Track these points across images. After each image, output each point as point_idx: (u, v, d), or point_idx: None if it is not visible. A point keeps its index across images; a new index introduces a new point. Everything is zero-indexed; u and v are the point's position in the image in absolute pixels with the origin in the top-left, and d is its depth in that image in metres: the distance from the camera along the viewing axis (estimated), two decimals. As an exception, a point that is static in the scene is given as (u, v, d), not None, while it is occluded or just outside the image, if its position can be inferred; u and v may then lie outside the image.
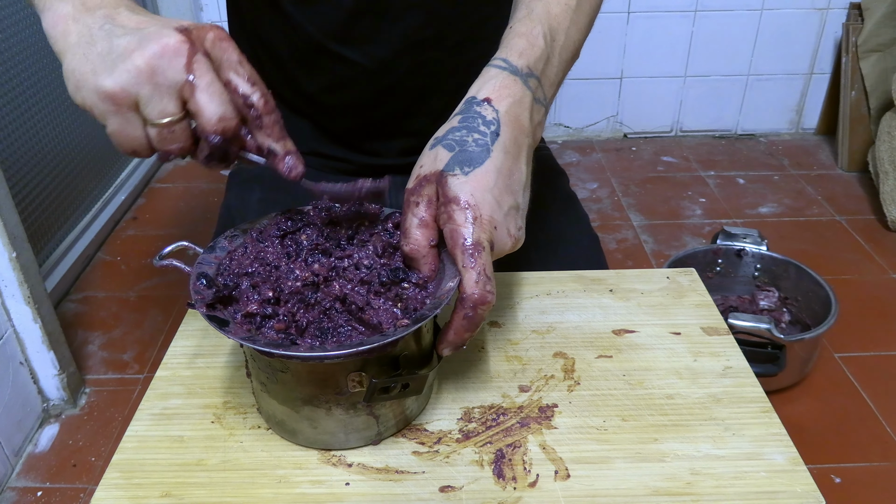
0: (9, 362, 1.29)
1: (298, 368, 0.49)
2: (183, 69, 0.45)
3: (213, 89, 0.46)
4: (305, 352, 0.46)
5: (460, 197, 0.50)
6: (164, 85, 0.45)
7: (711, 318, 0.66)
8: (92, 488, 1.26)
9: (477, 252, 0.49)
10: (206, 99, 0.45)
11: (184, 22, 0.47)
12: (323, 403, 0.50)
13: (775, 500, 0.49)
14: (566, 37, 0.63)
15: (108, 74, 0.45)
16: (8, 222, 1.22)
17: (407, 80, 0.79)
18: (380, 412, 0.52)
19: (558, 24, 0.62)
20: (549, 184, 0.90)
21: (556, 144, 2.46)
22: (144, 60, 0.44)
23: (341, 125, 0.84)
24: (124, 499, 0.50)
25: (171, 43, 0.45)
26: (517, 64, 0.57)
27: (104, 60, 0.45)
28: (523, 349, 0.62)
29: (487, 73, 0.57)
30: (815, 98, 2.41)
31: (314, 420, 0.51)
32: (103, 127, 0.47)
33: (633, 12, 2.27)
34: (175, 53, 0.45)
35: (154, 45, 0.45)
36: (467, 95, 0.57)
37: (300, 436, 0.53)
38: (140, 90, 0.45)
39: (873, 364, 1.50)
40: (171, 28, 0.46)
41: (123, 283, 1.79)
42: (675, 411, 0.56)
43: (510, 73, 0.57)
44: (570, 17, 0.63)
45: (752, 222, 2.00)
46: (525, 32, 0.60)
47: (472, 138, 0.53)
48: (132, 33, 0.46)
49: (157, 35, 0.45)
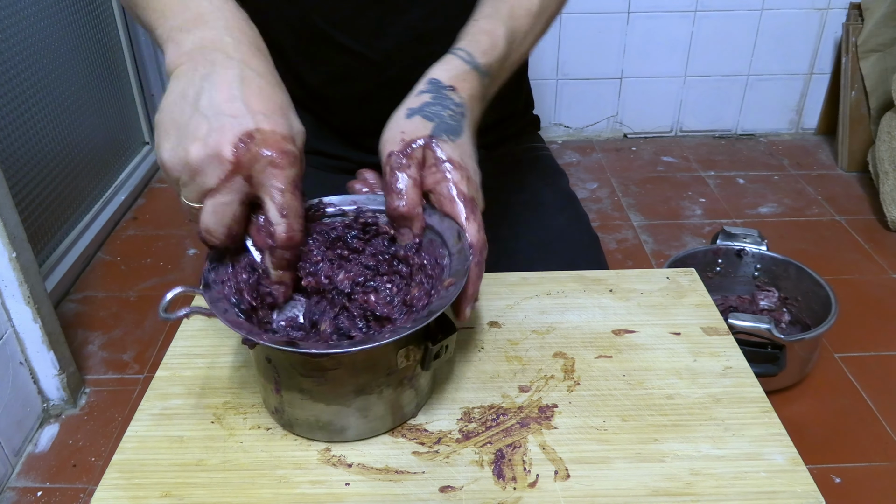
0: (9, 362, 1.29)
1: (354, 359, 0.50)
2: (216, 181, 0.48)
3: (219, 210, 0.49)
4: (381, 339, 0.47)
5: (454, 158, 0.54)
6: (198, 183, 0.48)
7: (711, 318, 0.66)
8: (92, 488, 1.26)
9: (474, 205, 0.54)
10: (209, 212, 0.49)
11: (261, 123, 0.48)
12: (375, 388, 0.51)
13: (775, 500, 0.49)
14: (523, 41, 0.67)
15: (168, 149, 0.49)
16: (8, 222, 1.22)
17: (410, 73, 0.79)
18: (418, 384, 0.54)
19: (519, 28, 0.66)
20: (549, 184, 0.90)
21: (556, 144, 2.46)
22: (196, 158, 0.47)
23: (342, 119, 0.85)
24: (124, 499, 0.50)
25: (223, 155, 0.47)
26: (480, 61, 0.61)
27: (177, 129, 0.49)
28: (523, 349, 0.62)
29: (452, 61, 0.61)
30: (815, 98, 2.41)
31: (365, 409, 0.52)
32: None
33: (633, 12, 2.27)
34: (219, 164, 0.47)
35: (210, 146, 0.47)
36: (431, 76, 0.59)
37: (350, 431, 0.53)
38: (182, 176, 0.48)
39: (873, 364, 1.50)
40: (238, 132, 0.47)
41: (123, 283, 1.79)
42: (674, 411, 0.56)
43: (472, 68, 0.61)
44: (531, 23, 0.67)
45: (752, 222, 2.00)
46: (490, 31, 0.63)
47: (447, 113, 0.57)
48: (210, 116, 0.48)
49: (220, 135, 0.47)
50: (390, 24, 0.76)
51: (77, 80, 1.89)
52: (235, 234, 0.51)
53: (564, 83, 2.38)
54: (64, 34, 1.82)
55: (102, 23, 2.03)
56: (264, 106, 0.49)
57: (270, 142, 0.48)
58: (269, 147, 0.48)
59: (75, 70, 1.88)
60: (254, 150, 0.47)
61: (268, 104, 0.49)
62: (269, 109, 0.49)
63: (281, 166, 0.48)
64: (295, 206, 0.49)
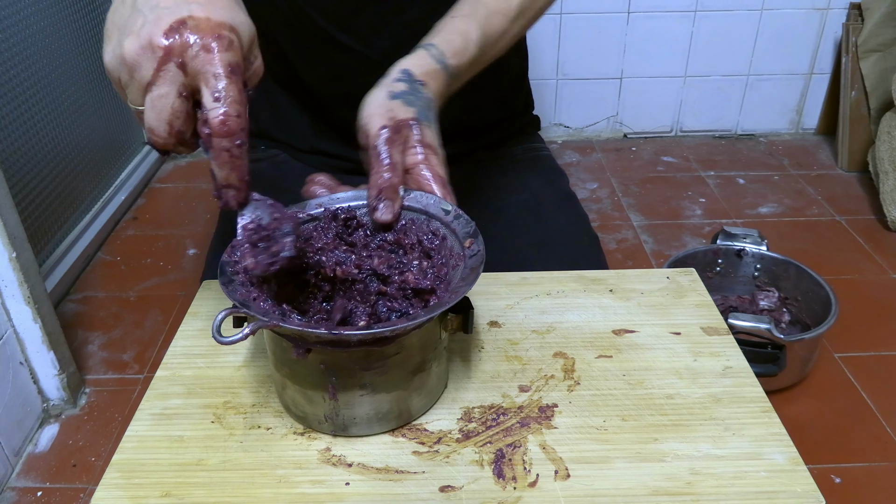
0: (9, 362, 1.29)
1: (411, 340, 0.51)
2: (151, 73, 0.47)
3: (157, 104, 0.47)
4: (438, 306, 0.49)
5: (433, 143, 0.59)
6: (136, 79, 0.47)
7: (711, 318, 0.66)
8: (92, 488, 1.26)
9: (448, 185, 0.58)
10: (148, 107, 0.48)
11: (195, 11, 0.47)
12: (428, 364, 0.54)
13: (775, 500, 0.49)
14: (495, 45, 0.70)
15: (109, 51, 0.48)
16: (8, 222, 1.22)
17: None
18: (447, 354, 0.58)
19: (494, 32, 0.68)
20: (549, 184, 0.90)
21: (556, 144, 2.46)
22: (130, 51, 0.47)
23: (341, 118, 0.85)
24: (124, 499, 0.50)
25: (154, 43, 0.46)
26: (450, 62, 0.64)
27: (117, 31, 0.48)
28: (523, 349, 0.62)
29: (424, 57, 0.63)
30: (815, 98, 2.41)
31: (422, 387, 0.54)
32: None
33: (633, 12, 2.27)
34: (152, 54, 0.46)
35: (143, 37, 0.46)
36: (403, 66, 0.62)
37: (411, 412, 0.55)
38: (122, 75, 0.48)
39: (873, 364, 1.50)
40: (170, 21, 0.46)
41: (123, 283, 1.79)
42: (675, 411, 0.56)
43: (442, 68, 0.64)
44: (506, 26, 0.69)
45: (752, 222, 2.00)
46: (464, 32, 0.66)
47: (420, 102, 0.60)
48: (145, 11, 0.47)
49: (153, 25, 0.46)
50: (389, 22, 0.76)
51: (77, 81, 1.89)
52: (178, 130, 0.48)
53: (564, 83, 2.38)
54: (64, 34, 1.82)
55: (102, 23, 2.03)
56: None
57: (204, 27, 0.46)
58: (202, 32, 0.46)
59: (75, 70, 1.88)
60: (185, 36, 0.46)
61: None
62: (207, 0, 0.48)
63: (214, 50, 0.46)
64: (231, 91, 0.47)
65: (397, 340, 0.50)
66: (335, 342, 0.48)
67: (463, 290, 0.49)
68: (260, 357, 0.62)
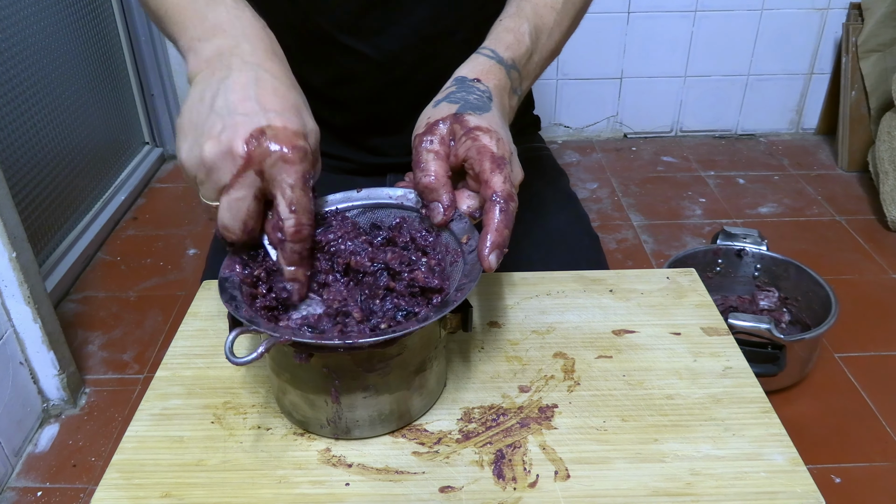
0: (9, 362, 1.29)
1: (413, 340, 0.51)
2: (230, 177, 0.49)
3: (234, 205, 0.50)
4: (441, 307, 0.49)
5: (482, 124, 0.55)
6: (213, 180, 0.50)
7: (711, 318, 0.66)
8: (92, 488, 1.26)
9: (502, 162, 0.53)
10: (224, 207, 0.50)
11: (273, 120, 0.49)
12: (428, 364, 0.54)
13: (775, 501, 0.49)
14: (549, 37, 0.68)
15: (186, 149, 0.51)
16: (8, 222, 1.22)
17: (414, 74, 0.79)
18: (445, 353, 0.58)
19: (543, 25, 0.67)
20: (550, 184, 0.90)
21: (556, 144, 2.46)
22: (210, 155, 0.49)
23: (345, 120, 0.85)
24: (124, 499, 0.50)
25: (235, 150, 0.48)
26: (503, 56, 0.63)
27: (194, 130, 0.50)
28: (523, 349, 0.62)
29: (476, 59, 0.62)
30: (815, 98, 2.41)
31: (422, 387, 0.54)
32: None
33: (633, 12, 2.27)
34: (232, 160, 0.49)
35: (224, 143, 0.49)
36: (456, 75, 0.61)
37: (411, 412, 0.55)
38: (198, 174, 0.50)
39: (873, 364, 1.50)
40: (250, 129, 0.49)
41: (123, 283, 1.79)
42: (675, 411, 0.56)
43: (497, 62, 0.62)
44: (555, 18, 0.69)
45: (752, 222, 2.00)
46: (513, 28, 0.65)
47: (472, 97, 0.58)
48: (224, 115, 0.50)
49: (233, 132, 0.48)
50: (395, 24, 0.76)
51: (77, 80, 1.89)
52: (251, 229, 0.51)
53: (564, 83, 2.38)
54: (64, 34, 1.82)
55: (102, 23, 2.03)
56: (277, 104, 0.50)
57: (281, 137, 0.49)
58: (280, 142, 0.49)
59: (75, 70, 1.88)
60: (265, 146, 0.49)
61: (281, 103, 0.51)
62: (282, 108, 0.50)
63: (291, 161, 0.49)
64: (304, 202, 0.50)
65: (400, 341, 0.50)
66: (348, 349, 0.48)
67: (468, 287, 0.50)
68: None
